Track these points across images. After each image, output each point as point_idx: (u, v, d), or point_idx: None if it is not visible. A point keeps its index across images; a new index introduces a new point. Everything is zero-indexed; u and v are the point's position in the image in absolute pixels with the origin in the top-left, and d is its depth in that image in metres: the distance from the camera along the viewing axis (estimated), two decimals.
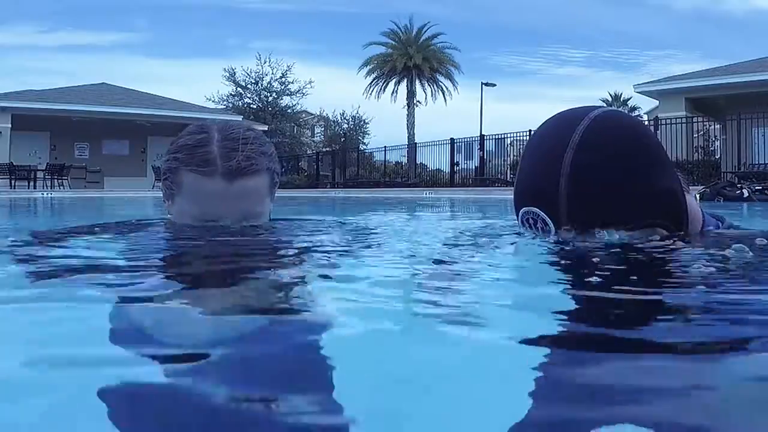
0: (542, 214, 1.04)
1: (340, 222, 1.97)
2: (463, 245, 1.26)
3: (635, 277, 0.87)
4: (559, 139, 1.03)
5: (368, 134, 31.33)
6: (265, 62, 27.18)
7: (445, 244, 1.32)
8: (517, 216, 1.11)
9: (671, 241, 1.01)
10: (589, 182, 0.99)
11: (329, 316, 0.72)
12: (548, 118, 1.14)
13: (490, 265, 1.06)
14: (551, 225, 1.04)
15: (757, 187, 9.69)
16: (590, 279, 0.90)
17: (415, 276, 0.96)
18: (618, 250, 0.98)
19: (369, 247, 1.31)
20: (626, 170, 1.00)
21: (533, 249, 1.05)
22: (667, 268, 0.92)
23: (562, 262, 0.97)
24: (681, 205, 1.05)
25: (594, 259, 0.94)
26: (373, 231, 1.63)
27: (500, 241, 1.25)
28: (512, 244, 1.18)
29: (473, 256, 1.12)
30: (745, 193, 8.83)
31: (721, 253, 1.01)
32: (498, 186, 16.60)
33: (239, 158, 1.26)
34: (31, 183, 18.55)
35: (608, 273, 0.92)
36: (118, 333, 0.67)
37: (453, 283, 0.89)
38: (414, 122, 27.28)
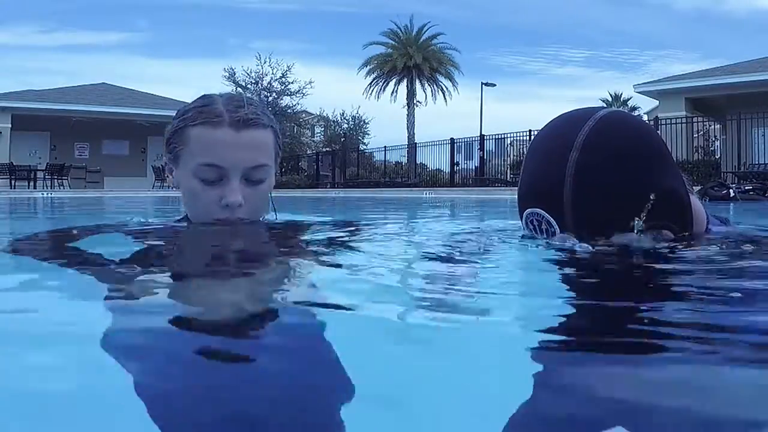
0: (546, 215, 1.04)
1: (341, 221, 1.97)
2: (463, 246, 1.26)
3: (639, 278, 0.87)
4: (564, 139, 1.03)
5: (368, 134, 31.30)
6: (265, 62, 27.12)
7: (446, 244, 1.32)
8: (521, 217, 1.11)
9: (676, 241, 1.01)
10: (594, 183, 0.99)
11: (329, 315, 0.72)
12: (552, 119, 1.14)
13: (492, 266, 1.06)
14: (556, 226, 1.03)
15: (747, 187, 9.70)
16: (594, 280, 0.89)
17: (416, 276, 0.96)
18: (623, 251, 0.97)
19: (370, 246, 1.31)
20: (630, 171, 1.00)
21: (537, 250, 1.05)
22: (672, 268, 0.92)
23: (566, 263, 0.96)
24: (686, 206, 1.05)
25: (598, 260, 0.94)
26: (373, 231, 1.63)
27: (502, 242, 1.25)
28: (515, 244, 1.18)
29: (475, 256, 1.12)
30: (731, 193, 8.86)
31: (725, 252, 1.01)
32: (498, 186, 16.59)
33: (246, 112, 1.30)
34: (31, 183, 18.54)
35: (612, 274, 0.92)
36: (116, 334, 0.66)
37: (454, 283, 0.88)
38: (414, 122, 27.25)
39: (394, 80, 27.83)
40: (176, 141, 1.33)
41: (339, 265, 1.03)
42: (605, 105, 7.92)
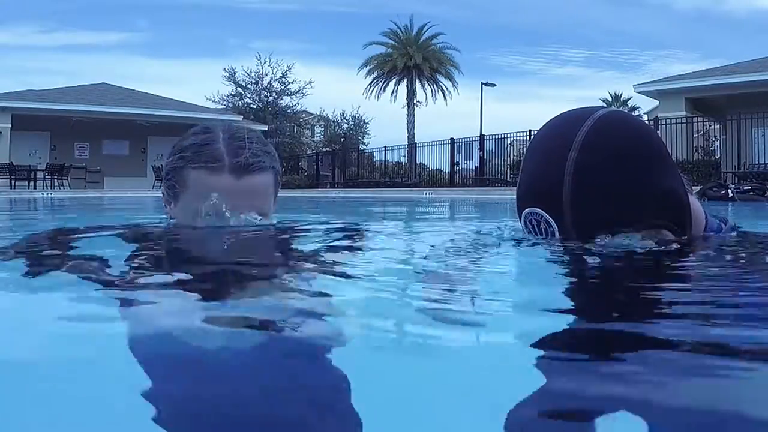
0: (545, 215, 1.04)
1: (341, 223, 1.97)
2: (463, 246, 1.26)
3: (637, 278, 0.87)
4: (563, 139, 1.03)
5: (368, 134, 31.35)
6: (265, 62, 27.19)
7: (445, 245, 1.32)
8: (520, 217, 1.11)
9: (674, 242, 1.00)
10: (593, 183, 0.99)
11: (332, 318, 0.72)
12: (551, 119, 1.14)
13: (492, 266, 1.06)
14: (555, 226, 1.03)
15: (746, 188, 9.71)
16: (592, 280, 0.89)
17: (416, 278, 0.96)
18: (620, 251, 0.97)
19: (370, 248, 1.31)
20: (630, 171, 0.99)
21: (536, 250, 1.05)
22: (669, 268, 0.92)
23: (565, 263, 0.96)
24: (684, 206, 1.05)
25: (596, 261, 0.93)
26: (373, 232, 1.63)
27: (502, 242, 1.25)
28: (515, 245, 1.18)
29: (475, 257, 1.12)
30: (730, 194, 8.87)
31: (723, 253, 1.01)
32: (498, 186, 16.60)
33: (246, 155, 1.26)
34: (31, 183, 18.54)
35: (611, 274, 0.92)
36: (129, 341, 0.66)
37: (454, 283, 0.88)
38: (414, 122, 27.26)
39: (394, 80, 27.83)
40: (175, 180, 1.31)
41: (339, 270, 1.03)
42: (605, 105, 7.92)
